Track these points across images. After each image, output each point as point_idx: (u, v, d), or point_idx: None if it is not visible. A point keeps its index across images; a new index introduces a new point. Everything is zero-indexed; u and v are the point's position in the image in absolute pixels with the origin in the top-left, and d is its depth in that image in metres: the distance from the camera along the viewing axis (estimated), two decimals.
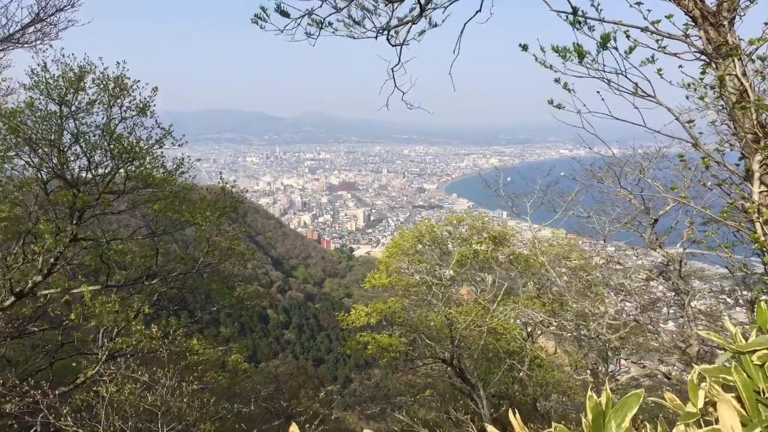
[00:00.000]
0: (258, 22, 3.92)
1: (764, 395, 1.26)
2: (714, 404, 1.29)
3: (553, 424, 1.41)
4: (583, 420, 1.38)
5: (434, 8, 3.97)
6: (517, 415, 1.45)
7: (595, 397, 1.40)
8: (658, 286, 10.99)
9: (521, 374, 12.77)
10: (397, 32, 4.12)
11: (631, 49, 3.65)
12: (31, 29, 9.57)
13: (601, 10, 3.64)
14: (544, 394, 13.23)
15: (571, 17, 3.64)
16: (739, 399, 1.29)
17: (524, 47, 3.83)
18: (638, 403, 1.34)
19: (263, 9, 3.83)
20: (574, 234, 13.01)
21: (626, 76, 3.75)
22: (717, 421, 1.25)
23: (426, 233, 13.84)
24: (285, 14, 3.90)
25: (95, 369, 9.18)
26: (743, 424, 1.24)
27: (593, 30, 3.69)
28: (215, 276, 11.99)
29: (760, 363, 1.32)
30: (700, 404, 1.35)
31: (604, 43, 3.57)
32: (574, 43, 3.69)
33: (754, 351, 1.32)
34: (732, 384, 1.30)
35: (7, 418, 7.48)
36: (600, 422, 1.35)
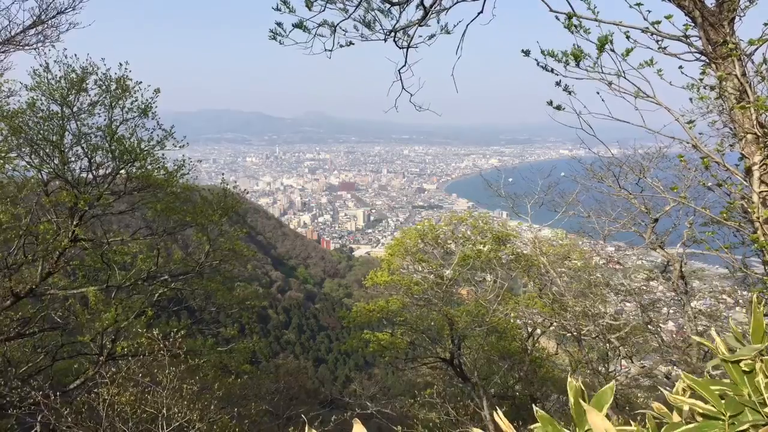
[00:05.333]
0: (276, 38, 3.94)
1: (750, 398, 1.32)
2: (700, 414, 1.36)
3: (534, 409, 1.50)
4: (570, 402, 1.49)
5: (438, 11, 3.99)
6: (502, 416, 1.49)
7: (575, 382, 1.50)
8: (658, 286, 11.01)
9: (521, 374, 12.79)
10: (407, 35, 4.14)
11: (629, 51, 3.66)
12: (32, 31, 9.57)
13: (597, 12, 3.65)
14: (545, 394, 13.24)
15: (567, 21, 3.65)
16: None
17: (526, 53, 3.84)
18: (612, 394, 1.46)
19: (279, 24, 3.84)
20: (574, 234, 13.03)
21: (626, 78, 3.77)
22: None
23: (428, 232, 13.85)
24: (302, 27, 3.91)
25: (96, 370, 9.19)
26: (715, 419, 1.31)
27: (589, 33, 3.70)
28: (216, 276, 12.01)
29: (747, 369, 1.40)
30: (685, 414, 1.42)
31: (601, 45, 3.58)
32: (574, 45, 3.70)
33: (740, 360, 1.41)
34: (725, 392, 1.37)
35: (8, 419, 7.50)
36: (581, 408, 1.44)
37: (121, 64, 9.38)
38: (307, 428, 1.50)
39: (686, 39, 3.91)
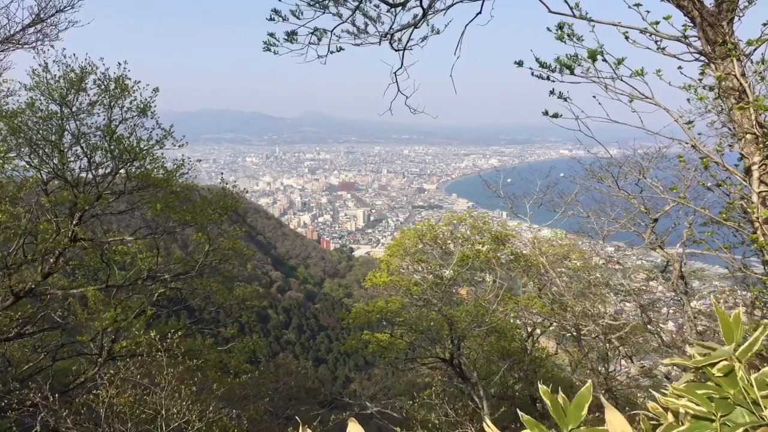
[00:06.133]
0: (270, 49, 3.98)
1: (741, 398, 1.32)
2: (692, 415, 1.36)
3: (520, 414, 1.52)
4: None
5: (436, 12, 3.99)
6: (491, 424, 1.50)
7: (544, 386, 1.53)
8: (658, 286, 11.01)
9: (521, 374, 12.78)
10: (400, 38, 4.15)
11: (620, 62, 3.66)
12: (31, 30, 9.57)
13: (591, 19, 3.65)
14: None
15: (559, 32, 3.65)
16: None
17: (519, 63, 3.85)
18: (590, 394, 1.47)
19: (272, 35, 3.87)
20: (573, 234, 13.03)
21: (623, 80, 3.76)
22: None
23: (427, 232, 13.84)
24: (293, 39, 3.94)
25: (95, 371, 9.19)
26: (709, 420, 1.31)
27: (582, 40, 3.70)
28: (216, 275, 12.01)
29: (723, 373, 1.38)
30: (681, 415, 1.42)
31: (592, 57, 3.58)
32: (567, 54, 3.70)
33: (715, 364, 1.40)
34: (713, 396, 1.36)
35: (7, 420, 7.50)
36: (560, 410, 1.45)
37: (120, 64, 9.38)
38: (301, 428, 1.50)
39: (685, 39, 3.91)
